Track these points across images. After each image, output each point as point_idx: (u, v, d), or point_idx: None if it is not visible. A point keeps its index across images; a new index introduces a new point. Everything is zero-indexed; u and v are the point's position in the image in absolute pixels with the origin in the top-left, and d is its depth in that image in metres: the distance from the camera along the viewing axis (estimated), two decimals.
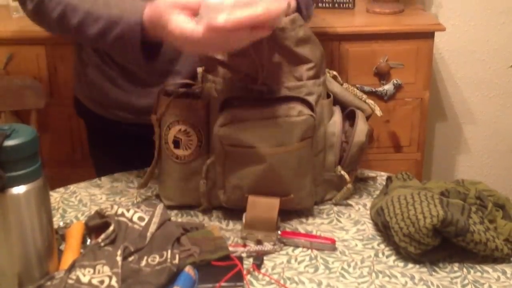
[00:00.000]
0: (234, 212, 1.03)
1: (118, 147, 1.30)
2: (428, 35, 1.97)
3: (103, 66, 1.22)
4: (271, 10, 0.83)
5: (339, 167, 1.05)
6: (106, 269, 0.83)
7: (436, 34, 1.99)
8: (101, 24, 0.98)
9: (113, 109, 1.25)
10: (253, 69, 0.97)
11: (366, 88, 1.99)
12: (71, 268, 0.84)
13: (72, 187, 1.14)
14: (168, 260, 0.87)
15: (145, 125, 1.07)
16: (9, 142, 0.76)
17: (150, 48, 0.97)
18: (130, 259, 0.87)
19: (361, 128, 1.05)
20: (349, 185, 1.05)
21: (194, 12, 0.87)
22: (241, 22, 0.82)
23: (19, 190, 0.78)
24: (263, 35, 0.88)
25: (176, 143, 1.02)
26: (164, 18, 0.89)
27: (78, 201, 1.09)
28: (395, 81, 1.99)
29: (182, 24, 0.87)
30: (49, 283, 0.82)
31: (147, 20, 0.94)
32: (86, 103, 1.31)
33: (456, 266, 0.92)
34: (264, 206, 0.97)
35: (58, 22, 1.03)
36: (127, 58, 1.13)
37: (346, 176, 1.05)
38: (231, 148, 0.96)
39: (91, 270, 0.83)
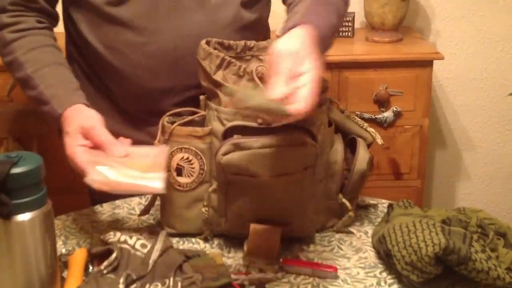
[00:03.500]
0: (235, 239, 1.03)
1: None
2: (426, 64, 2.00)
3: (97, 98, 1.23)
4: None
5: (340, 195, 1.05)
6: None
7: (435, 62, 2.01)
8: (34, 93, 1.08)
9: None
10: None
11: (366, 116, 2.00)
12: None
13: (73, 214, 1.14)
14: None
15: None
16: (16, 170, 0.77)
17: None
18: (133, 287, 0.87)
19: (362, 156, 1.05)
20: (351, 213, 1.06)
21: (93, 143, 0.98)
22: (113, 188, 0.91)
23: (24, 217, 0.79)
24: None
25: (179, 171, 1.02)
26: (68, 133, 0.99)
27: (80, 228, 1.09)
28: (394, 109, 2.01)
29: (75, 148, 0.97)
30: None
31: (65, 117, 1.03)
32: None
33: None
34: (266, 234, 0.97)
35: (7, 67, 1.14)
36: None
37: (348, 204, 1.05)
38: (234, 176, 0.96)
39: None
